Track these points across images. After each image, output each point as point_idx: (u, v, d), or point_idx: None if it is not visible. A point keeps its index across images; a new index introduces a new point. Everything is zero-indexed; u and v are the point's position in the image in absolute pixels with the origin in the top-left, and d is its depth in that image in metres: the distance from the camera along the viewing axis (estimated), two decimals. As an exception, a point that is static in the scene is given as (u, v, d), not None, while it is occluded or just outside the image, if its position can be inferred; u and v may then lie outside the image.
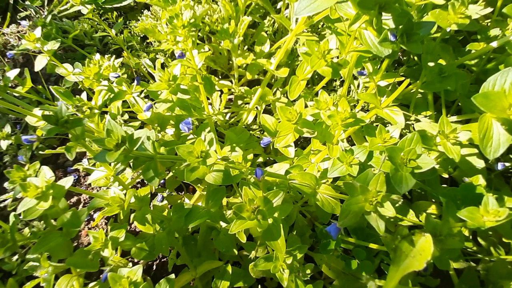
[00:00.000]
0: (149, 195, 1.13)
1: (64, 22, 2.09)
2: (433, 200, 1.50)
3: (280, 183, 1.25)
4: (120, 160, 1.00)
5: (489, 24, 1.62)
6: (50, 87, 1.31)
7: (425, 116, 1.49)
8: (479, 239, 1.51)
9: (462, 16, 1.13)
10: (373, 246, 1.28)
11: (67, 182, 1.11)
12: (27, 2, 2.37)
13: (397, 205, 1.49)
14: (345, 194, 1.18)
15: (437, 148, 1.16)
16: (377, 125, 1.15)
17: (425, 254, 0.87)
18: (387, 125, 1.18)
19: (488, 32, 1.48)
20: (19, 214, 1.03)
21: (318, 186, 1.13)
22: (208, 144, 0.98)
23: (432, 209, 1.47)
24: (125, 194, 1.11)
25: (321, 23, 1.95)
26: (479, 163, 1.35)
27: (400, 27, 1.00)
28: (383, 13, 1.02)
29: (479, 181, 1.22)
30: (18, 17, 2.39)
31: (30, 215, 1.04)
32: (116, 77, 1.21)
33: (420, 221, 1.35)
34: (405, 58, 1.71)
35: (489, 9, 1.57)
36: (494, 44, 1.26)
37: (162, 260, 1.68)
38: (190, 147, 0.95)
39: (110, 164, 1.21)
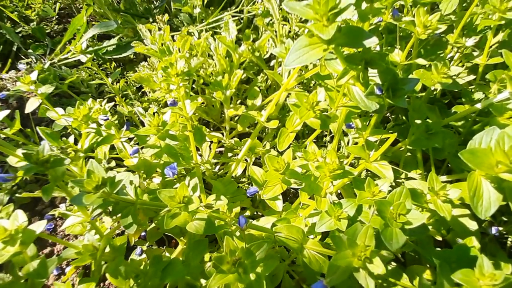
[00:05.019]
0: (125, 245, 1.05)
1: (63, 69, 2.14)
2: (428, 265, 1.43)
3: (266, 237, 1.18)
4: (98, 203, 0.95)
5: (472, 89, 1.69)
6: (38, 128, 1.29)
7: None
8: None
9: (445, 76, 1.17)
10: (364, 311, 1.19)
11: (38, 226, 1.04)
12: (30, 50, 2.45)
13: (390, 268, 1.42)
14: (334, 251, 1.12)
15: (428, 206, 1.13)
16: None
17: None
18: (376, 179, 1.16)
19: (472, 95, 1.54)
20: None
21: (305, 241, 1.07)
22: (192, 190, 0.94)
23: (427, 275, 1.39)
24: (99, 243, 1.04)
25: (313, 82, 2.03)
26: (472, 225, 1.31)
27: (386, 82, 1.03)
28: (370, 69, 1.06)
29: (473, 242, 1.17)
30: (18, 63, 2.46)
31: (-7, 260, 0.95)
32: (105, 119, 1.20)
33: (414, 286, 1.27)
34: (393, 116, 1.75)
35: (472, 77, 1.65)
36: (478, 105, 1.30)
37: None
38: (173, 191, 0.91)
39: (88, 210, 1.15)
